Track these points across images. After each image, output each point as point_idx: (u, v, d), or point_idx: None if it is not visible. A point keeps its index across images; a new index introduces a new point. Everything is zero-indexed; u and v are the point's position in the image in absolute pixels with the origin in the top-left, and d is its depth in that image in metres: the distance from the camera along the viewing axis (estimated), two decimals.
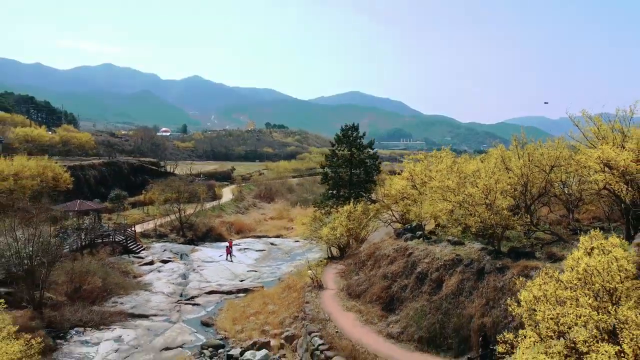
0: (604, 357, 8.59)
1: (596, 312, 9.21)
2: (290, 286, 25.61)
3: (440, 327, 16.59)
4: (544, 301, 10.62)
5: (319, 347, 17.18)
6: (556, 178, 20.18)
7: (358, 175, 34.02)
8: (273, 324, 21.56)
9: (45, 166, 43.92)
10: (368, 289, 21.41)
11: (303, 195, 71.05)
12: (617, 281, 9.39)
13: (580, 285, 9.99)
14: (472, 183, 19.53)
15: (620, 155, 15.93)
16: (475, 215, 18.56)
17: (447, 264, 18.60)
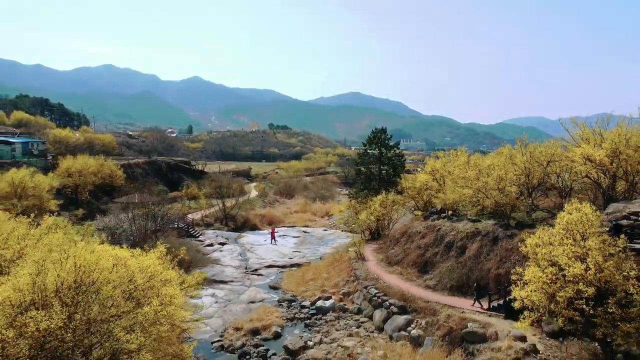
0: (577, 269, 14.63)
1: (573, 245, 15.23)
2: (337, 259, 31.55)
3: (466, 278, 22.55)
4: (541, 244, 16.63)
5: (376, 294, 23.16)
6: (552, 171, 26.21)
7: (387, 171, 40.13)
8: (329, 285, 27.48)
9: (103, 164, 49.75)
10: (405, 258, 27.39)
11: (320, 192, 77.02)
12: (586, 226, 15.39)
13: (564, 232, 15.99)
14: (487, 174, 25.53)
15: (597, 152, 21.98)
16: (490, 198, 24.58)
17: (469, 234, 24.58)
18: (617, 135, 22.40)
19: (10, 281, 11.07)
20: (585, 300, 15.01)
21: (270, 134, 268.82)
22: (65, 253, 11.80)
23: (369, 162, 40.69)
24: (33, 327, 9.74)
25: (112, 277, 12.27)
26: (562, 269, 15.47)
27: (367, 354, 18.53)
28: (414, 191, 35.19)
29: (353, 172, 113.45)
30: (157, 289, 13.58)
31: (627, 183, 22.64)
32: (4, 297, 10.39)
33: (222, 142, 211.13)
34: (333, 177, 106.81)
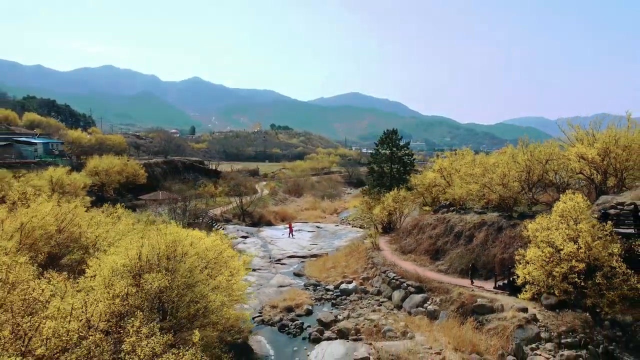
0: (570, 248, 17.58)
1: (567, 229, 18.19)
2: (353, 250, 34.46)
3: (475, 261, 25.46)
4: (540, 229, 19.59)
5: (394, 277, 26.09)
6: (550, 168, 29.14)
7: (397, 169, 43.15)
8: (349, 272, 30.39)
9: (126, 164, 52.60)
10: (417, 247, 30.33)
11: (327, 190, 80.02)
12: (578, 212, 18.35)
13: (560, 218, 18.95)
14: (492, 171, 28.48)
15: (589, 151, 24.95)
16: (495, 192, 27.53)
17: (476, 225, 27.51)
18: (608, 136, 25.38)
19: (122, 253, 13.98)
20: (577, 274, 18.01)
21: (272, 135, 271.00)
22: (161, 232, 14.73)
23: (381, 161, 43.79)
24: (152, 285, 12.63)
25: (191, 251, 15.20)
26: (557, 249, 18.45)
27: (390, 325, 21.45)
28: (423, 188, 38.14)
29: (357, 172, 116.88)
30: (225, 263, 16.52)
31: (616, 178, 25.59)
32: (123, 264, 13.31)
33: (225, 142, 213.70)
34: (338, 176, 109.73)
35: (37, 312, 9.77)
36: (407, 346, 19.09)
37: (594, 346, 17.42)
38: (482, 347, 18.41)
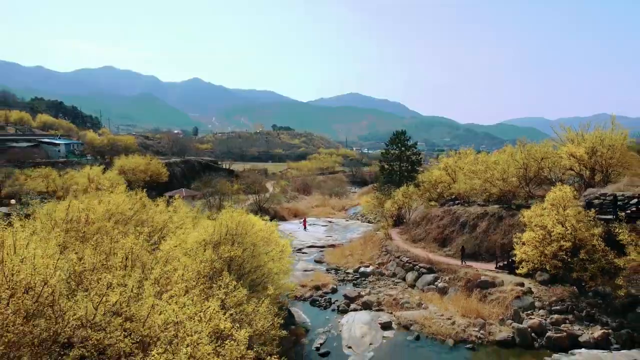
0: (558, 229, 21.19)
1: (557, 214, 21.80)
2: (367, 240, 38.07)
3: (478, 248, 29.10)
4: (535, 215, 23.19)
5: (407, 261, 29.69)
6: (545, 165, 32.69)
7: (406, 167, 46.79)
8: (365, 258, 33.98)
9: (149, 163, 56.14)
10: (426, 236, 33.93)
11: (335, 189, 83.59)
12: (566, 201, 21.97)
13: (551, 205, 22.55)
14: (493, 168, 32.10)
15: (578, 150, 28.56)
16: (496, 186, 31.15)
17: (479, 215, 31.12)
18: (595, 136, 29.02)
19: (200, 231, 17.56)
20: (564, 252, 21.63)
21: (273, 135, 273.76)
22: (229, 214, 18.34)
23: (391, 159, 47.46)
24: (228, 254, 16.18)
25: (252, 230, 18.79)
26: (549, 231, 22.06)
27: (407, 298, 25.03)
28: (430, 184, 41.71)
29: (360, 172, 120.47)
30: (275, 241, 20.14)
31: (602, 174, 29.20)
32: (203, 238, 16.89)
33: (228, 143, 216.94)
34: (342, 176, 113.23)
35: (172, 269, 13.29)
36: (423, 314, 22.72)
37: (578, 311, 21.04)
38: (485, 313, 22.00)
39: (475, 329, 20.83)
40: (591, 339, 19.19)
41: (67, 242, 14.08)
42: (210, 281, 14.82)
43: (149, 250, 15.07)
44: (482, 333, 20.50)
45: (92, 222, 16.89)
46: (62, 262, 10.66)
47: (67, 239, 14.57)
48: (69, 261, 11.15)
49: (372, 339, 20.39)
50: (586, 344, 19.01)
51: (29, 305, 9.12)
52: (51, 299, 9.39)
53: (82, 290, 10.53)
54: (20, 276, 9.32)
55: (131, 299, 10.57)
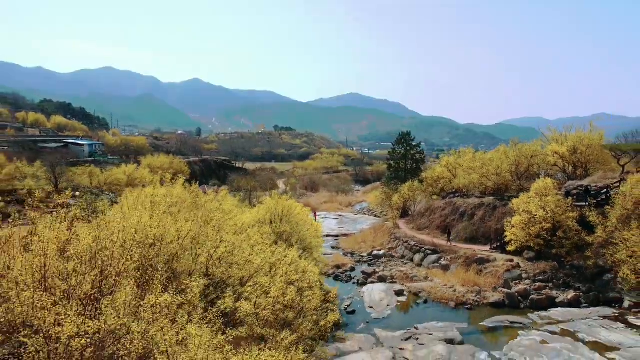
0: (541, 213, 25.94)
1: (539, 201, 26.53)
2: (377, 229, 42.76)
3: (475, 233, 33.78)
4: (521, 202, 27.91)
5: (414, 245, 34.38)
6: (534, 162, 37.38)
7: (411, 165, 51.55)
8: (377, 244, 38.65)
9: (173, 161, 60.84)
10: (430, 225, 38.60)
11: (341, 186, 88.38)
12: (547, 190, 26.69)
13: (535, 194, 27.28)
14: (489, 165, 36.80)
15: (561, 148, 33.28)
16: (491, 180, 35.84)
17: (476, 206, 35.80)
18: (575, 137, 33.75)
19: (255, 212, 22.22)
20: (545, 231, 26.32)
21: (275, 135, 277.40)
22: (275, 200, 23.03)
23: (397, 158, 52.30)
24: (278, 230, 20.85)
25: (293, 212, 23.48)
26: (533, 215, 26.75)
27: (415, 274, 29.72)
28: (432, 180, 46.42)
29: (363, 171, 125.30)
30: (310, 222, 24.83)
31: (581, 169, 33.92)
32: (260, 217, 21.56)
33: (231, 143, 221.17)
34: (346, 175, 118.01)
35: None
36: (429, 284, 27.41)
37: (557, 280, 25.73)
38: (481, 283, 26.68)
39: (472, 294, 25.49)
40: (565, 300, 23.89)
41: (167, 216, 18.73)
42: (270, 247, 19.50)
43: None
44: (478, 297, 25.17)
45: (173, 204, 21.52)
46: (179, 226, 15.30)
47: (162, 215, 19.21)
48: (184, 226, 15.80)
49: (389, 302, 25.07)
50: (561, 304, 23.69)
51: (173, 249, 13.76)
52: (187, 245, 14.05)
53: (199, 245, 15.16)
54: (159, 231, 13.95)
55: (230, 252, 15.22)
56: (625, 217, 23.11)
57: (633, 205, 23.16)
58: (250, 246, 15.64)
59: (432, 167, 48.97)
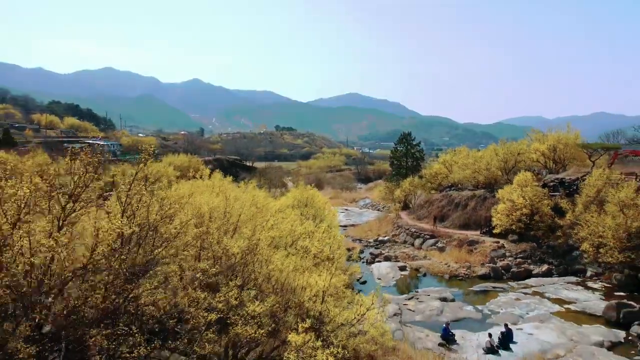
0: (521, 201, 31.03)
1: (520, 190, 31.61)
2: (382, 220, 47.77)
3: (468, 220, 38.80)
4: (505, 192, 32.98)
5: (415, 231, 39.41)
6: (520, 159, 42.39)
7: (412, 162, 56.63)
8: (381, 232, 43.65)
9: (191, 160, 65.76)
10: (429, 215, 43.61)
11: (345, 184, 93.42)
12: (527, 180, 31.77)
13: (517, 185, 32.35)
14: (480, 161, 41.82)
15: (542, 147, 38.33)
16: (482, 175, 40.88)
17: (469, 197, 40.82)
18: (554, 137, 38.79)
19: (284, 199, 27.19)
20: (525, 216, 31.36)
21: (277, 135, 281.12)
22: (300, 190, 28.03)
23: (399, 156, 57.43)
24: (305, 212, 25.80)
25: (316, 199, 28.48)
26: (514, 203, 31.78)
27: (416, 254, 34.75)
28: (431, 176, 51.45)
29: (365, 170, 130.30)
30: (328, 208, 29.84)
31: (560, 164, 38.95)
32: (289, 203, 26.53)
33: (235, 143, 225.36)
34: (349, 173, 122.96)
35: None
36: (428, 262, 32.43)
37: (534, 257, 30.75)
38: (471, 260, 31.69)
39: (463, 269, 30.51)
40: (540, 272, 28.91)
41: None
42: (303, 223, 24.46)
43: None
44: (468, 271, 30.18)
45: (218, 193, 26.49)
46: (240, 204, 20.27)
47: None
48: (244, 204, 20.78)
49: (394, 275, 30.09)
50: (536, 275, 28.71)
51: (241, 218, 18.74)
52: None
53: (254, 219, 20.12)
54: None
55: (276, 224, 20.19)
56: (589, 203, 28.12)
57: (595, 193, 28.18)
58: (290, 221, 20.61)
59: (431, 165, 54.05)
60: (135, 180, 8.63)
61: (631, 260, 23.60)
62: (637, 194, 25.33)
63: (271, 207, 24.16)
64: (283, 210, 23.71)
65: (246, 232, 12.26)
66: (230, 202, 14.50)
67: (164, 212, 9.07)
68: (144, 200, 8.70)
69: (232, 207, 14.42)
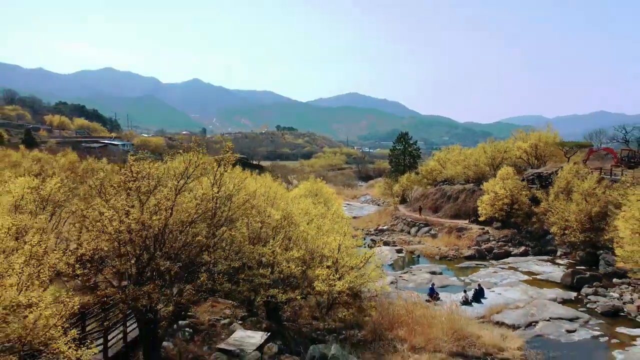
0: (502, 192, 35.63)
1: (502, 183, 36.21)
2: (382, 212, 52.33)
3: (458, 211, 43.37)
4: (490, 185, 37.58)
5: (411, 220, 44.00)
6: (506, 156, 46.92)
7: (409, 160, 61.23)
8: (381, 222, 48.20)
9: None
10: (424, 207, 48.21)
11: (347, 181, 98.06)
12: (508, 174, 36.36)
13: (499, 178, 36.95)
14: (469, 158, 46.39)
15: (524, 145, 42.92)
16: (472, 171, 45.47)
17: (460, 190, 45.39)
18: (536, 136, 43.33)
19: (297, 190, 31.74)
20: (506, 205, 35.94)
21: (278, 135, 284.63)
22: (311, 182, 32.60)
23: (397, 154, 62.09)
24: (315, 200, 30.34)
25: (325, 190, 33.05)
26: (497, 194, 36.35)
27: (411, 240, 39.31)
28: (427, 172, 56.02)
29: (365, 168, 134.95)
30: (335, 197, 34.42)
31: (542, 161, 43.48)
32: (301, 193, 31.10)
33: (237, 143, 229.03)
34: (350, 171, 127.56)
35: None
36: (422, 246, 37.02)
37: (514, 241, 35.30)
38: (459, 244, 36.24)
39: (452, 251, 35.06)
40: (518, 252, 33.46)
41: None
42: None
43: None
44: (456, 253, 34.74)
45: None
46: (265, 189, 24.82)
47: None
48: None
49: (392, 256, 34.67)
50: (514, 255, 33.26)
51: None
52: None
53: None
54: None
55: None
56: (559, 193, 32.66)
57: (565, 185, 32.73)
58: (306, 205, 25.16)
59: (427, 162, 58.70)
60: (220, 165, 13.15)
61: (590, 240, 28.15)
62: (598, 185, 29.89)
63: (287, 196, 28.74)
64: (298, 198, 28.28)
65: (281, 205, 16.83)
66: (267, 185, 18.97)
67: (234, 186, 13.61)
68: (223, 179, 13.19)
69: (269, 187, 18.89)
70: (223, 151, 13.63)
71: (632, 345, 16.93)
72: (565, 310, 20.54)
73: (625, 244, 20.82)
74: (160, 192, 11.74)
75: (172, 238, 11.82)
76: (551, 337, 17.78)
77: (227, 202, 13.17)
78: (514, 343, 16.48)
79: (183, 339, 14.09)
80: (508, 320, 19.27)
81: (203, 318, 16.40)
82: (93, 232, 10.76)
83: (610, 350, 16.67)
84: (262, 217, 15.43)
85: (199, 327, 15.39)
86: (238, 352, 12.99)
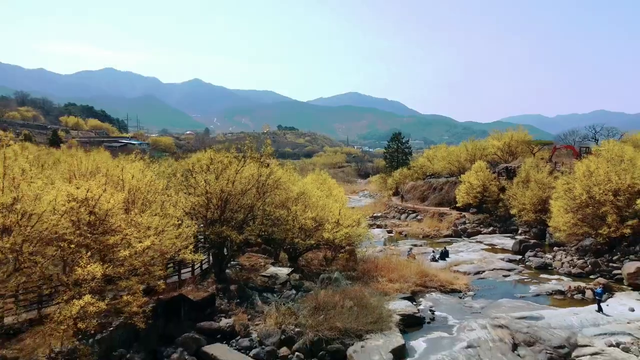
0: (475, 182, 42.93)
1: (476, 175, 43.44)
2: (377, 203, 59.59)
3: (442, 200, 50.59)
4: (466, 177, 44.82)
5: (401, 209, 51.22)
6: (485, 153, 54.02)
7: (402, 157, 68.59)
8: (376, 211, 55.41)
9: None
10: (413, 197, 55.45)
11: (347, 178, 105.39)
12: (481, 167, 43.59)
13: (474, 171, 44.18)
14: (452, 155, 53.60)
15: (498, 143, 50.19)
16: (454, 165, 52.68)
17: (444, 182, 52.59)
18: (508, 135, 50.51)
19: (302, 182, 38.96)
20: (479, 193, 43.18)
21: (280, 135, 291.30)
22: (317, 174, 39.78)
23: (392, 152, 69.60)
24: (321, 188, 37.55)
25: (329, 180, 40.27)
26: (472, 184, 43.56)
27: (400, 224, 46.48)
28: (418, 167, 63.24)
29: (365, 167, 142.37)
30: (337, 187, 41.67)
31: (512, 156, 50.61)
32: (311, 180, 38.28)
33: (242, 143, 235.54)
34: (350, 170, 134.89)
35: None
36: (409, 228, 44.24)
37: (486, 223, 42.46)
38: (440, 226, 43.42)
39: (434, 232, 42.22)
40: (487, 232, 40.65)
41: None
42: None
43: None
44: (436, 233, 41.90)
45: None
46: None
47: None
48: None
49: (383, 235, 41.86)
50: (484, 234, 40.42)
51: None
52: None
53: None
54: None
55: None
56: (520, 182, 39.83)
57: (525, 176, 39.89)
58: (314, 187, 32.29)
59: (418, 159, 66.00)
60: (263, 156, 20.31)
61: (540, 219, 35.29)
62: (549, 175, 37.05)
63: (302, 181, 35.79)
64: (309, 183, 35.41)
65: (299, 184, 24.03)
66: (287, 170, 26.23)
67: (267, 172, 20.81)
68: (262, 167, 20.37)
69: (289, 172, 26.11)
70: (264, 146, 20.77)
71: (546, 283, 24.09)
72: (507, 265, 27.74)
73: (554, 217, 28.12)
74: (228, 170, 18.99)
75: (236, 200, 19.07)
76: (490, 279, 24.99)
77: (268, 178, 20.38)
78: (462, 280, 23.66)
79: (236, 271, 21.34)
80: (462, 270, 26.46)
81: (245, 263, 23.66)
82: (193, 195, 18.00)
83: (529, 285, 23.82)
84: (287, 192, 22.61)
85: (244, 267, 22.63)
86: (275, 275, 20.21)
